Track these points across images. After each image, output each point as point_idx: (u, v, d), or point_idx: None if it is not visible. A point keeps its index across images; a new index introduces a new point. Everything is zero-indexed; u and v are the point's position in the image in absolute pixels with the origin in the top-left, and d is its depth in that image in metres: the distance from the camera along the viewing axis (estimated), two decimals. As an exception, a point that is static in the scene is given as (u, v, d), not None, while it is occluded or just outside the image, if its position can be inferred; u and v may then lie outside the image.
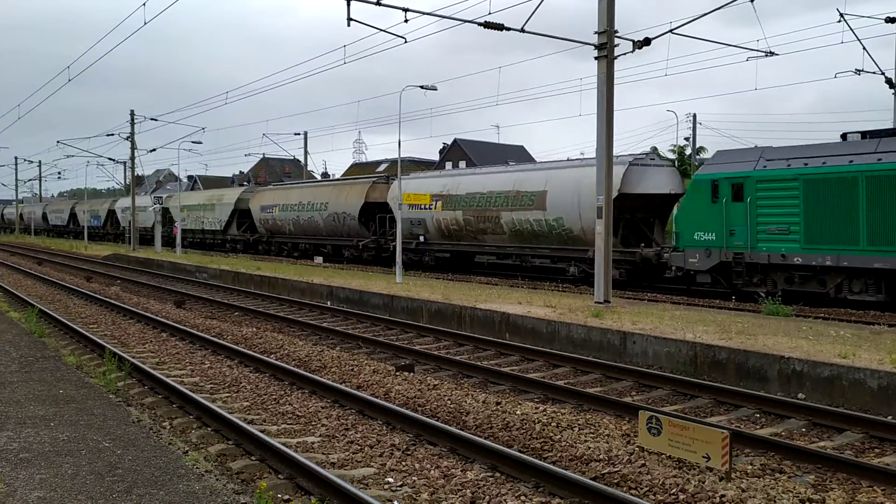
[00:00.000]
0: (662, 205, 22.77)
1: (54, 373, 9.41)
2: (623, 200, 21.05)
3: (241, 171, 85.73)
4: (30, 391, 8.34)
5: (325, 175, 72.87)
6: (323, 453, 7.25)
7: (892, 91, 22.71)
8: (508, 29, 15.88)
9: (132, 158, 42.51)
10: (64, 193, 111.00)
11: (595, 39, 15.74)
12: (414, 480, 6.50)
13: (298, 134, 55.06)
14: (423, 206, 26.56)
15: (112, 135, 41.80)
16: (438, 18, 16.35)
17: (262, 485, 5.44)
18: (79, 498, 4.95)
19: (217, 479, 5.44)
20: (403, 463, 6.96)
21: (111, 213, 61.52)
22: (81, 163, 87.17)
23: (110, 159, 52.24)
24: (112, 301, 19.14)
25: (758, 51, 18.52)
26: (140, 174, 55.86)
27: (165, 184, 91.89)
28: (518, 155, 66.62)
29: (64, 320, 15.23)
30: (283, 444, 7.14)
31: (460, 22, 15.54)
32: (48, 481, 5.25)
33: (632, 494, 6.00)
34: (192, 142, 39.32)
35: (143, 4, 15.59)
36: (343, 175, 71.99)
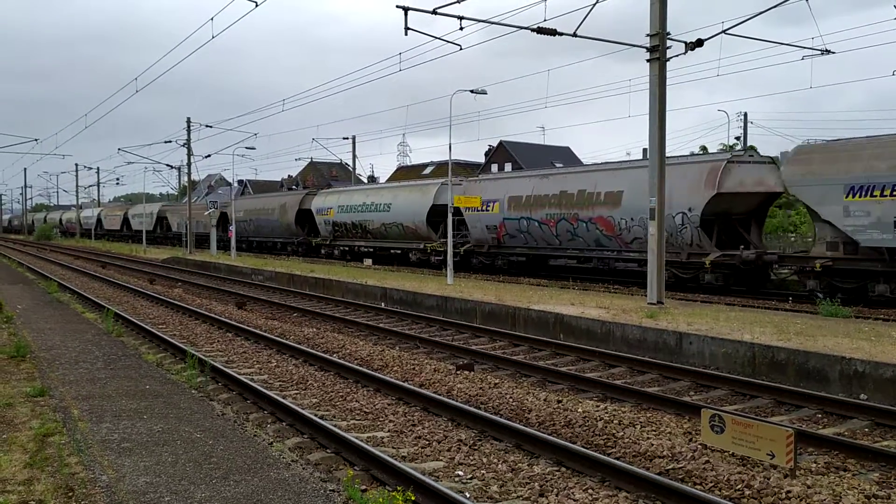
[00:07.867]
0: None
1: (137, 370, 9.96)
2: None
3: (289, 175, 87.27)
4: (119, 386, 8.88)
5: (371, 178, 73.76)
6: (393, 447, 7.56)
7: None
8: (561, 34, 16.06)
9: (188, 164, 43.73)
10: (120, 198, 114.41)
11: (647, 42, 15.83)
12: (483, 474, 6.76)
13: (347, 138, 55.80)
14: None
15: (169, 142, 43.16)
16: (491, 25, 16.61)
17: (350, 472, 5.78)
18: (182, 483, 5.35)
19: (304, 468, 5.80)
20: (471, 457, 7.22)
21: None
22: (139, 168, 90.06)
23: (168, 165, 53.79)
24: (176, 302, 19.87)
25: (814, 49, 18.33)
26: (194, 179, 57.36)
27: (217, 188, 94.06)
28: (564, 156, 66.30)
29: (136, 321, 15.92)
30: (356, 438, 7.49)
31: (515, 29, 15.76)
32: (152, 468, 5.67)
33: (697, 489, 6.17)
34: (246, 147, 40.32)
35: (212, 19, 16.23)
36: (389, 179, 72.66)
